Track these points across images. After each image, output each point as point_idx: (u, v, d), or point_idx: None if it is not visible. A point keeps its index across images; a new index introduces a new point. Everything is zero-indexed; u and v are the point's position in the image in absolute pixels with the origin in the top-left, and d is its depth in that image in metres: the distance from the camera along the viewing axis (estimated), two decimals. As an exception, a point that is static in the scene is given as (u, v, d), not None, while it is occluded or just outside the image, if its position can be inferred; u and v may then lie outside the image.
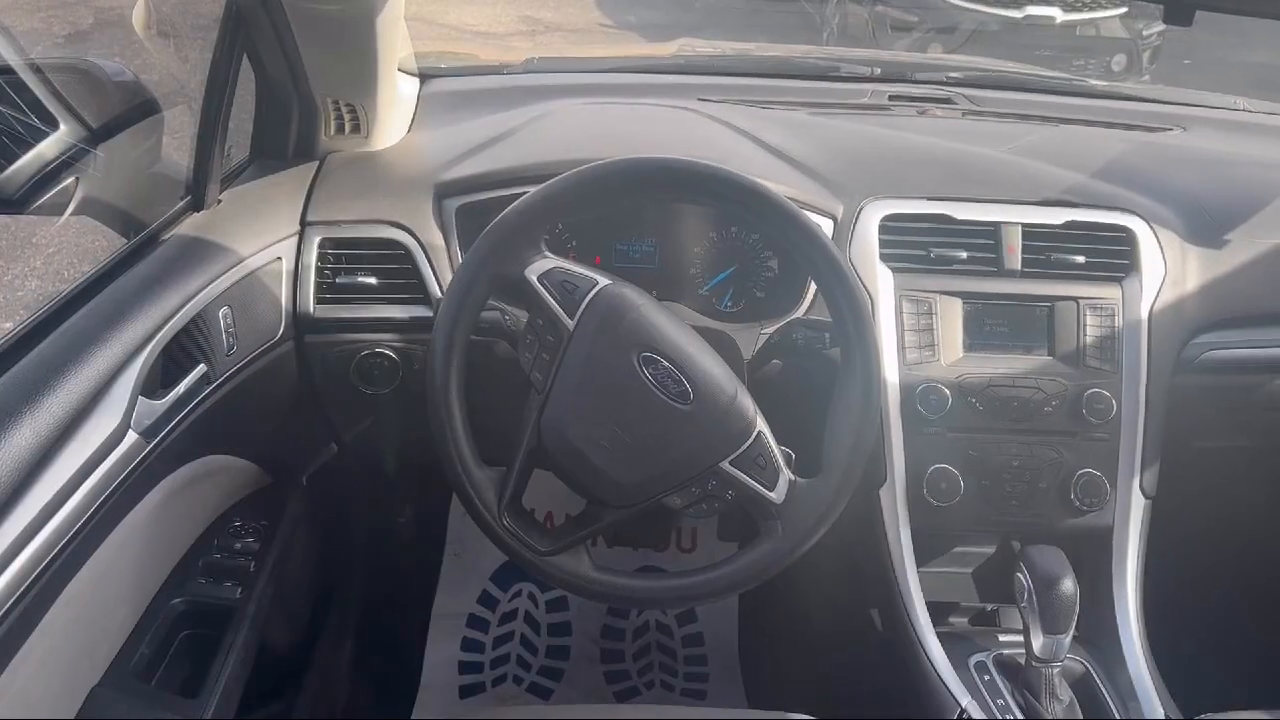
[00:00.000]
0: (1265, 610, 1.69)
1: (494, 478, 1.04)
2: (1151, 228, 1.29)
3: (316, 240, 1.25)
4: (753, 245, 1.33)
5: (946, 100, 1.60)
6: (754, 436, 1.02)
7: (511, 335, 1.11)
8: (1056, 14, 4.62)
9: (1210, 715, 1.21)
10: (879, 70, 1.69)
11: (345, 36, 1.21)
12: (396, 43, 1.30)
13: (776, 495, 1.03)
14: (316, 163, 1.34)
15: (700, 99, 1.53)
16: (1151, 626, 1.21)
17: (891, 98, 1.59)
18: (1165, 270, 1.28)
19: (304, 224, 1.25)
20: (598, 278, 1.04)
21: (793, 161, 1.34)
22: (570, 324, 1.01)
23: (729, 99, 1.54)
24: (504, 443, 1.05)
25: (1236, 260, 1.32)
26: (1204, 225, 1.33)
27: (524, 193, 1.05)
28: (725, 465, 1.01)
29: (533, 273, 1.03)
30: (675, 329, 1.04)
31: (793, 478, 1.04)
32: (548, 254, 1.05)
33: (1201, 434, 1.39)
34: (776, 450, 1.04)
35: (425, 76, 1.57)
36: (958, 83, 1.67)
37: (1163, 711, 1.11)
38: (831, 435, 1.06)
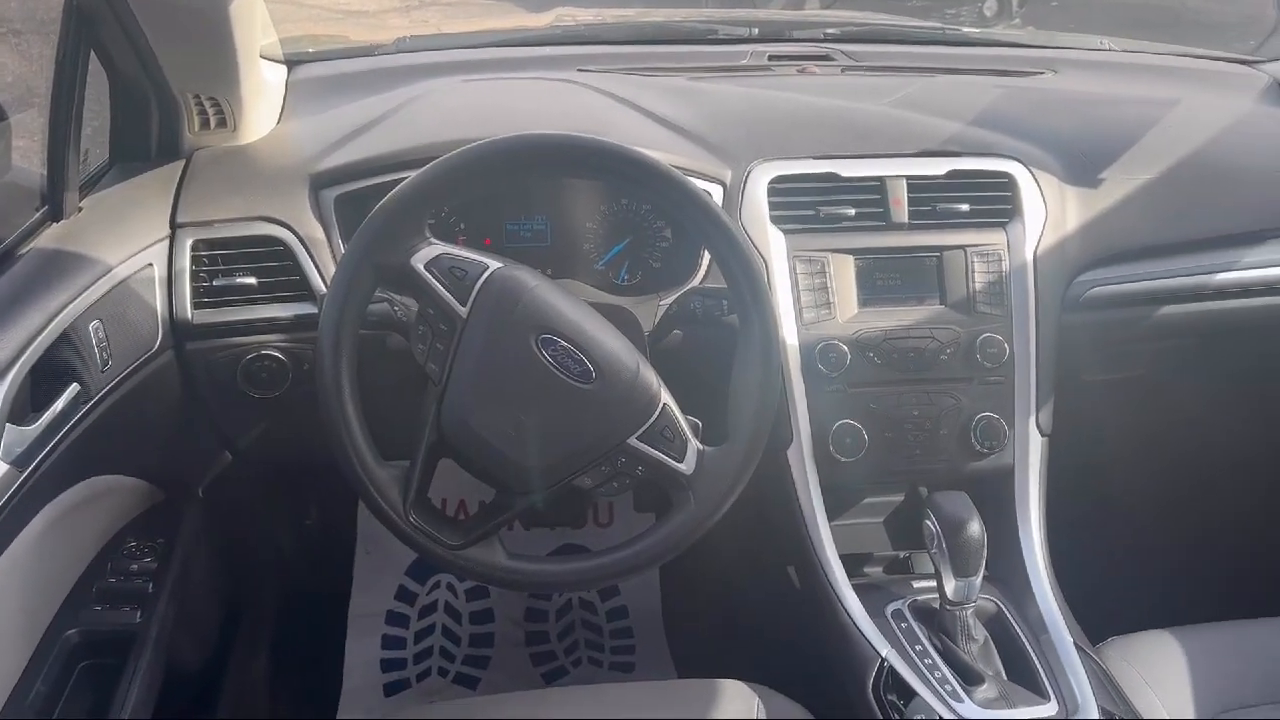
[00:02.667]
0: (1161, 533, 1.76)
1: (397, 475, 1.01)
2: (1030, 172, 1.32)
3: (189, 243, 1.19)
4: (645, 216, 1.32)
5: (825, 57, 1.60)
6: (659, 410, 1.01)
7: (403, 326, 1.08)
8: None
9: (1116, 638, 1.27)
10: (757, 31, 1.69)
11: (198, 26, 1.15)
12: (256, 29, 1.24)
13: (686, 466, 1.02)
14: (183, 161, 1.28)
15: (580, 70, 1.50)
16: (1057, 559, 1.24)
17: (771, 58, 1.59)
18: (1046, 213, 1.31)
19: (174, 226, 1.19)
20: (488, 261, 1.01)
21: (677, 129, 1.33)
22: (463, 311, 0.99)
23: (609, 68, 1.52)
24: (406, 437, 1.02)
25: (1112, 198, 1.36)
26: (1079, 166, 1.36)
27: (404, 178, 1.02)
28: (633, 441, 1.00)
29: (419, 261, 0.99)
30: (572, 308, 1.02)
31: (701, 447, 1.04)
32: (433, 240, 1.02)
33: (1091, 368, 1.44)
34: (683, 421, 1.03)
35: (292, 63, 1.51)
36: (835, 39, 1.68)
37: (1072, 640, 1.14)
38: (736, 401, 1.07)
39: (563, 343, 0.99)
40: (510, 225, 1.30)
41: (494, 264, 1.01)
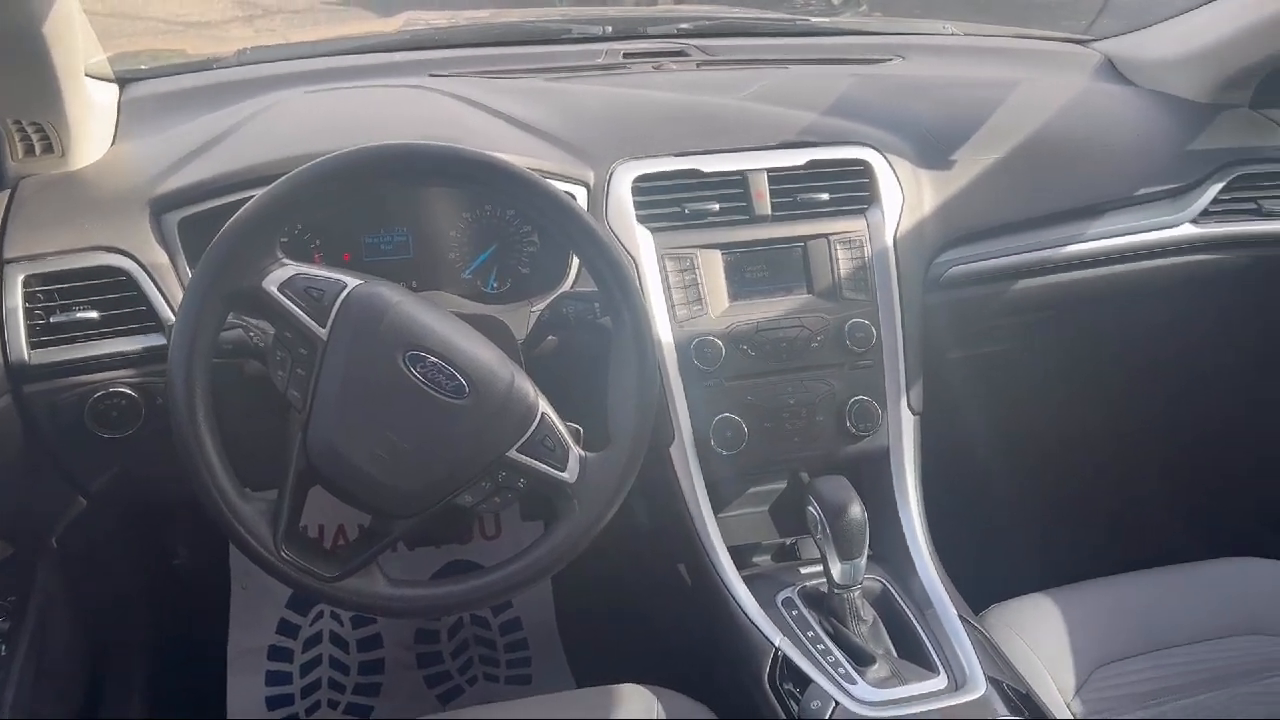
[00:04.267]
0: (1033, 499, 1.84)
1: (264, 508, 0.97)
2: (885, 158, 1.35)
3: (19, 279, 1.10)
4: (510, 221, 1.29)
5: (680, 53, 1.61)
6: (538, 419, 1.00)
7: (260, 353, 1.03)
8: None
9: (997, 605, 1.31)
10: (611, 29, 1.68)
11: (10, 47, 1.07)
12: (78, 46, 1.16)
13: (569, 475, 1.01)
14: (7, 192, 1.19)
15: (432, 75, 1.47)
16: (937, 534, 1.28)
17: (626, 55, 1.58)
18: (903, 197, 1.34)
19: (1, 263, 1.11)
20: (346, 279, 0.98)
21: (536, 131, 1.31)
22: (322, 333, 0.95)
23: (462, 72, 1.48)
24: (273, 467, 0.97)
25: (964, 179, 1.40)
26: (931, 150, 1.40)
27: (250, 197, 0.97)
28: (513, 454, 0.98)
29: (271, 283, 0.95)
30: (439, 321, 1.00)
31: (583, 454, 1.02)
32: (285, 260, 0.97)
33: (955, 345, 1.48)
34: (563, 429, 1.02)
35: (125, 80, 1.42)
36: (689, 34, 1.68)
37: (955, 612, 1.18)
38: (615, 404, 1.06)
39: (432, 358, 0.96)
40: (369, 239, 1.25)
41: (353, 281, 0.97)
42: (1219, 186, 1.51)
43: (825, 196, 1.31)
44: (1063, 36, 1.86)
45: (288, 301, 0.95)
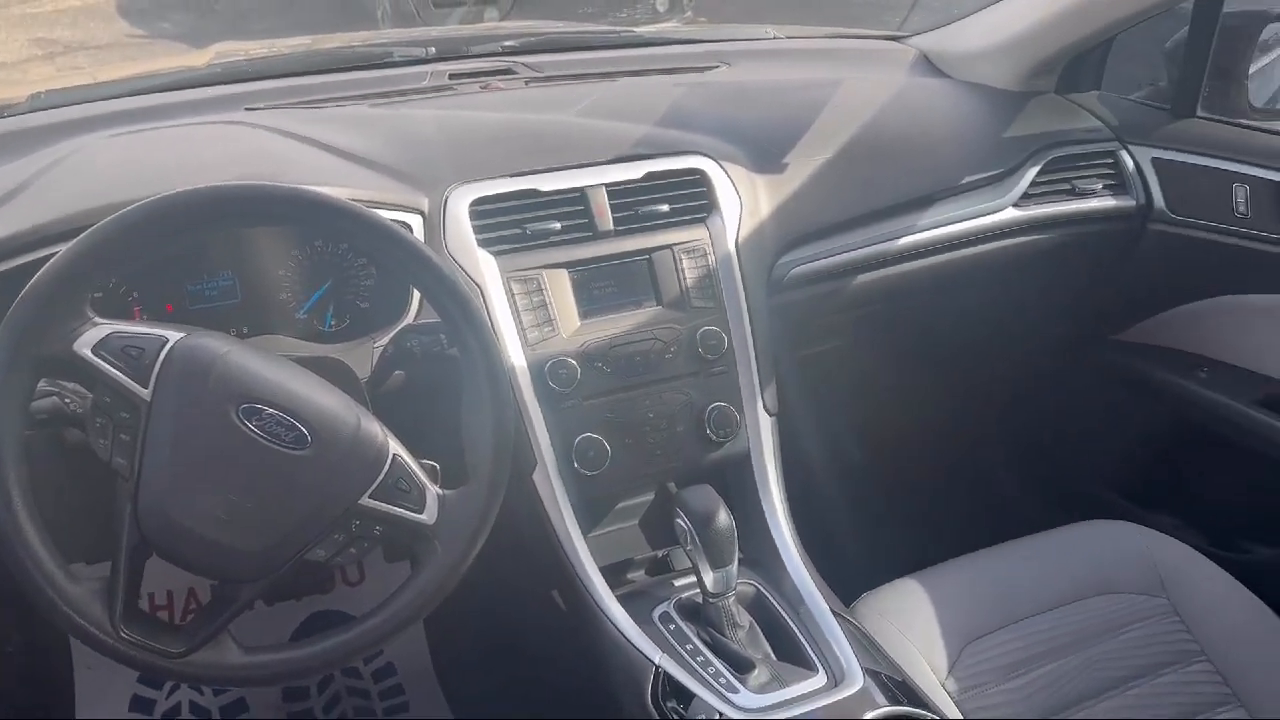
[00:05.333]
0: (893, 486, 1.89)
1: (97, 588, 0.89)
2: (721, 166, 1.36)
3: None
4: (344, 255, 1.24)
5: (507, 71, 1.58)
6: (389, 462, 0.95)
7: (79, 419, 0.95)
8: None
9: (867, 594, 1.33)
10: (434, 50, 1.64)
11: None
12: None
13: (428, 516, 0.97)
14: None
15: (248, 108, 1.40)
16: (804, 531, 1.29)
17: (452, 76, 1.54)
18: (740, 203, 1.35)
19: None
20: (167, 333, 0.91)
21: (362, 160, 1.26)
22: (145, 394, 0.88)
23: (280, 103, 1.42)
24: (105, 540, 0.90)
25: (797, 181, 1.42)
26: (763, 154, 1.42)
27: (53, 254, 0.90)
28: (365, 501, 0.94)
29: (84, 345, 0.88)
30: (273, 369, 0.94)
31: (441, 492, 0.99)
32: (98, 319, 0.90)
33: (804, 343, 1.50)
34: (418, 469, 0.98)
35: (-97, 134, 1.30)
36: (514, 51, 1.66)
37: (827, 607, 1.19)
38: (471, 438, 1.02)
39: (268, 409, 0.91)
40: (192, 287, 1.18)
41: (174, 335, 0.91)
42: (1035, 170, 1.59)
43: (665, 208, 1.31)
44: (879, 34, 1.93)
45: (103, 364, 0.88)
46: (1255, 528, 1.68)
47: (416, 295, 1.20)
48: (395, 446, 0.97)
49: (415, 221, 1.20)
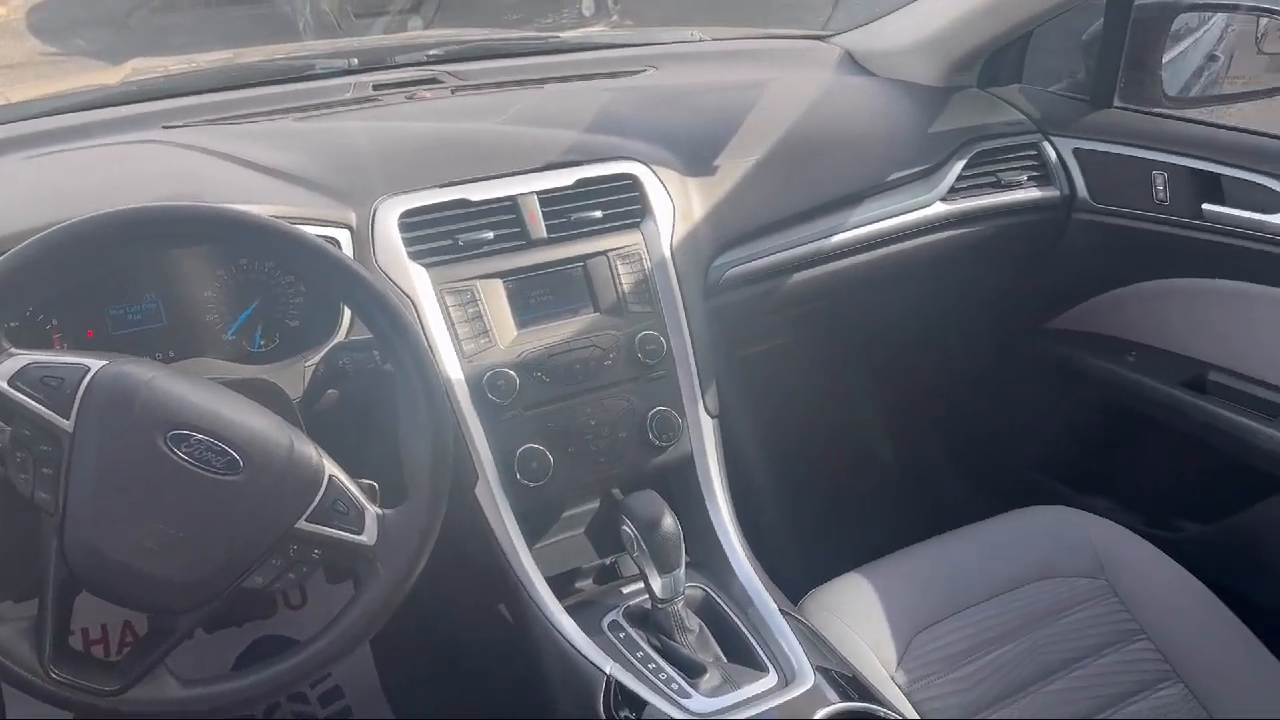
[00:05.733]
0: (837, 481, 1.90)
1: (24, 627, 0.86)
2: (652, 170, 1.36)
3: None
4: (271, 273, 1.21)
5: (432, 80, 1.56)
6: (326, 483, 0.94)
7: None
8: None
9: (815, 590, 1.34)
10: (357, 61, 1.61)
11: None
12: None
13: (368, 537, 0.95)
14: None
15: (166, 126, 1.36)
16: (751, 531, 1.29)
17: (376, 87, 1.52)
18: (674, 207, 1.35)
19: None
20: (88, 362, 0.88)
21: (287, 176, 1.24)
22: (67, 425, 0.85)
23: (200, 120, 1.38)
24: (32, 578, 0.87)
25: (729, 183, 1.43)
26: (694, 157, 1.42)
27: None
28: (302, 525, 0.92)
29: None
30: (201, 393, 0.92)
31: (380, 512, 0.97)
32: (14, 350, 0.87)
33: (743, 344, 1.51)
34: (355, 489, 0.96)
35: None
36: (439, 60, 1.64)
37: (776, 606, 1.19)
38: (409, 455, 1.01)
39: (197, 435, 0.88)
40: (114, 311, 1.14)
41: (96, 363, 0.88)
42: (961, 164, 1.61)
43: (599, 214, 1.30)
44: (804, 34, 1.94)
45: (21, 396, 0.85)
46: (1187, 506, 1.72)
47: (348, 311, 1.18)
48: (331, 467, 0.95)
49: (343, 236, 1.18)
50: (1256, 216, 1.47)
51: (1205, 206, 1.53)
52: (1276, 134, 1.55)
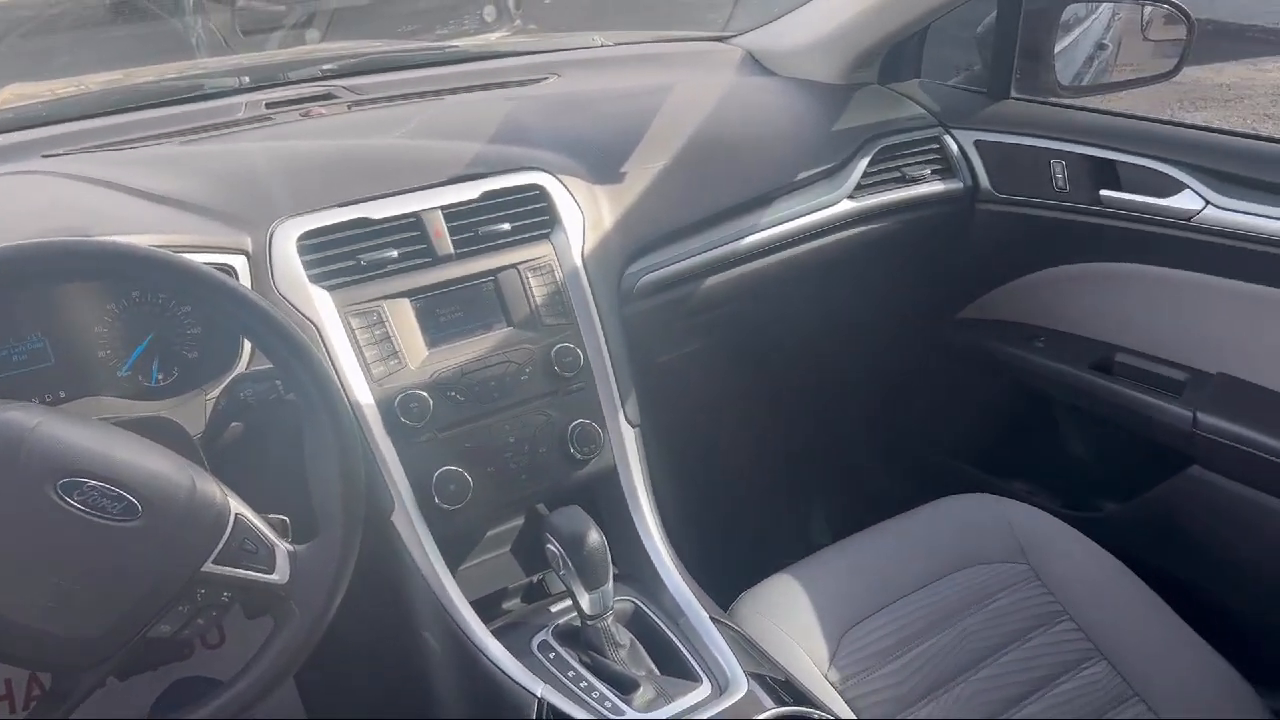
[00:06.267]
0: (764, 483, 1.90)
1: None
2: (559, 180, 1.34)
3: None
4: (166, 304, 1.16)
5: (327, 96, 1.52)
6: (232, 522, 0.90)
7: None
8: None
9: (745, 594, 1.33)
10: (248, 79, 1.56)
11: None
12: None
13: (279, 575, 0.92)
14: None
15: (46, 155, 1.30)
16: (678, 540, 1.28)
17: (269, 105, 1.47)
18: (583, 216, 1.33)
19: None
20: None
21: (176, 203, 1.19)
22: None
23: (82, 148, 1.32)
24: None
25: (638, 189, 1.41)
26: (601, 164, 1.40)
27: None
28: (209, 567, 0.88)
29: None
30: (93, 436, 0.87)
31: (292, 548, 0.93)
32: None
33: (661, 350, 1.50)
34: (264, 526, 0.92)
35: None
36: (334, 74, 1.60)
37: (706, 614, 1.18)
38: (319, 486, 0.98)
39: (91, 482, 0.84)
40: None
41: None
42: (866, 161, 1.62)
43: (507, 226, 1.28)
44: (705, 36, 1.94)
45: None
46: (1102, 486, 1.76)
47: (248, 341, 1.14)
48: (237, 505, 0.91)
49: (239, 263, 1.14)
50: (1152, 200, 1.51)
51: (1103, 192, 1.57)
52: (1166, 119, 1.60)
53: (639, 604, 1.20)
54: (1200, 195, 1.46)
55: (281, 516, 0.95)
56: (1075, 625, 1.30)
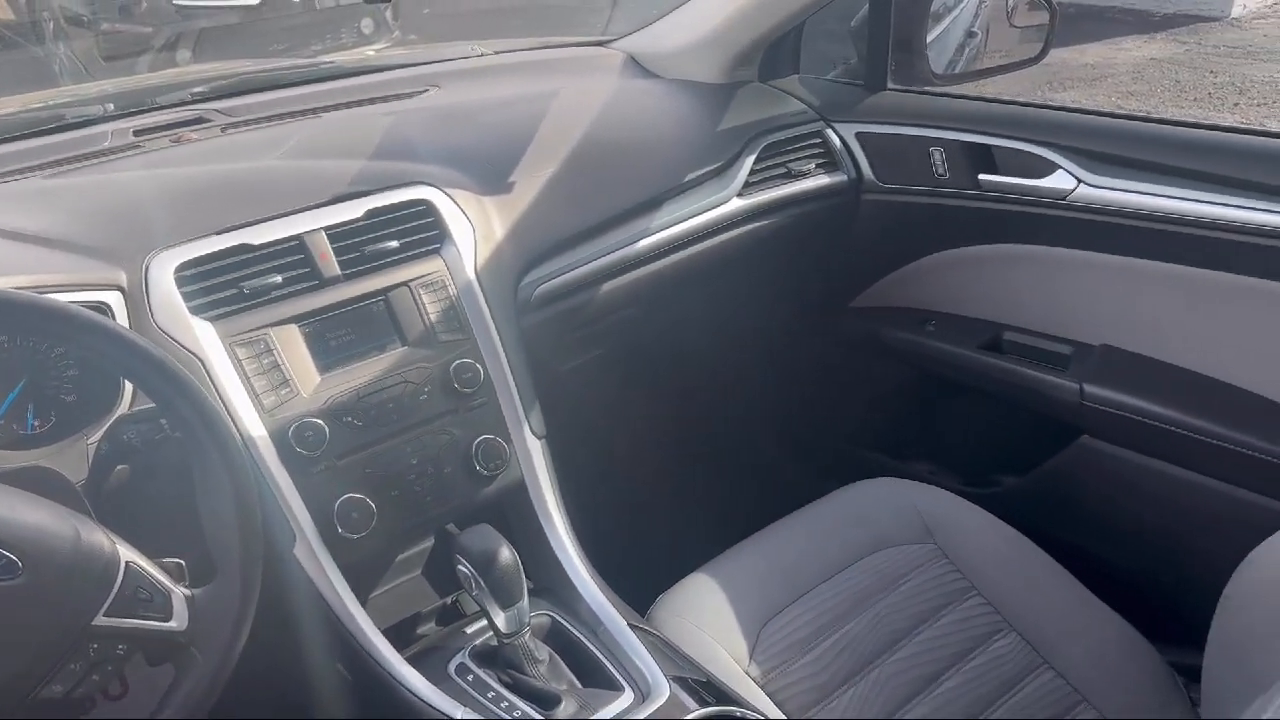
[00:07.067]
0: (677, 485, 1.91)
1: None
2: (446, 193, 1.31)
3: None
4: (37, 347, 1.10)
5: (200, 120, 1.46)
6: (123, 571, 0.86)
7: None
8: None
9: (661, 597, 1.33)
10: (113, 106, 1.49)
11: None
12: None
13: (178, 621, 0.88)
14: None
15: None
16: (592, 549, 1.27)
17: (137, 133, 1.41)
18: (473, 229, 1.31)
19: None
20: None
21: (42, 241, 1.13)
22: None
23: None
24: None
25: (528, 198, 1.40)
26: (489, 175, 1.39)
27: None
28: (101, 621, 0.84)
29: None
30: None
31: (189, 592, 0.90)
32: None
33: (563, 359, 1.49)
34: (158, 571, 0.88)
35: None
36: (205, 97, 1.54)
37: (624, 621, 1.18)
38: (213, 526, 0.94)
39: None
40: None
41: None
42: (752, 158, 1.64)
43: (395, 244, 1.25)
44: (585, 41, 1.93)
45: None
46: (999, 462, 1.81)
47: (128, 381, 1.09)
48: (128, 552, 0.87)
49: (113, 299, 1.09)
50: (1028, 182, 1.56)
51: (981, 176, 1.62)
52: (1038, 102, 1.65)
53: (556, 617, 1.19)
54: (1072, 175, 1.52)
55: (177, 560, 0.92)
56: (984, 600, 1.33)
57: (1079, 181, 1.51)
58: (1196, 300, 1.49)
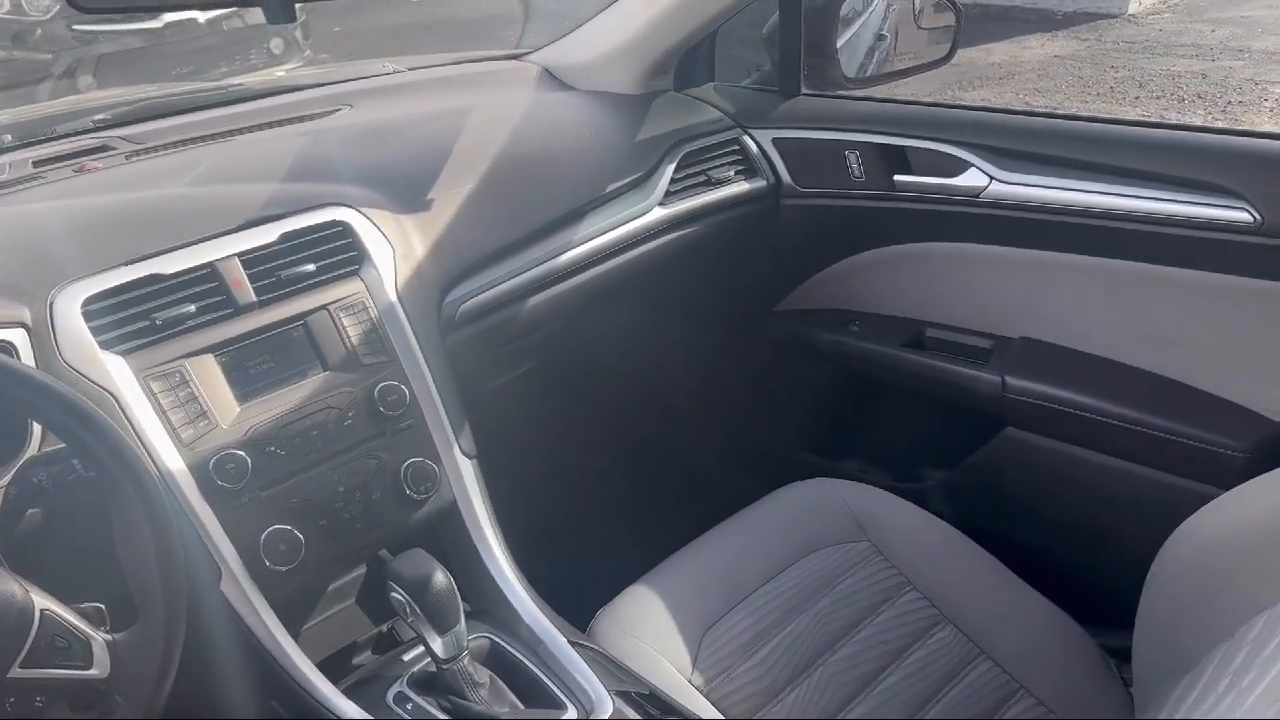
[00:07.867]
0: (612, 498, 1.90)
1: None
2: (363, 213, 1.29)
3: None
4: None
5: (103, 148, 1.42)
6: (37, 620, 0.82)
7: None
8: (198, 14, 4.52)
9: (601, 610, 1.32)
10: (9, 137, 1.44)
11: None
12: None
13: (99, 669, 0.85)
14: None
15: None
16: (528, 567, 1.26)
17: (36, 164, 1.36)
18: (393, 248, 1.29)
19: None
20: None
21: None
22: None
23: None
24: None
25: (447, 216, 1.38)
26: (406, 194, 1.37)
27: None
28: (16, 673, 0.80)
29: None
30: None
31: (110, 638, 0.86)
32: None
33: (489, 377, 1.47)
34: (75, 618, 0.85)
35: None
36: (108, 125, 1.50)
37: (564, 638, 1.17)
38: (133, 566, 0.91)
39: None
40: None
41: None
42: (672, 167, 1.65)
43: (311, 267, 1.23)
44: (500, 55, 1.92)
45: None
46: (927, 456, 1.84)
47: (36, 422, 1.05)
48: (42, 600, 0.84)
49: (17, 337, 1.04)
50: (942, 181, 1.59)
51: (896, 177, 1.65)
52: (948, 102, 1.69)
53: (495, 639, 1.18)
54: (984, 172, 1.55)
55: (96, 604, 0.88)
56: (920, 594, 1.35)
57: (991, 179, 1.54)
58: (1109, 289, 1.54)
